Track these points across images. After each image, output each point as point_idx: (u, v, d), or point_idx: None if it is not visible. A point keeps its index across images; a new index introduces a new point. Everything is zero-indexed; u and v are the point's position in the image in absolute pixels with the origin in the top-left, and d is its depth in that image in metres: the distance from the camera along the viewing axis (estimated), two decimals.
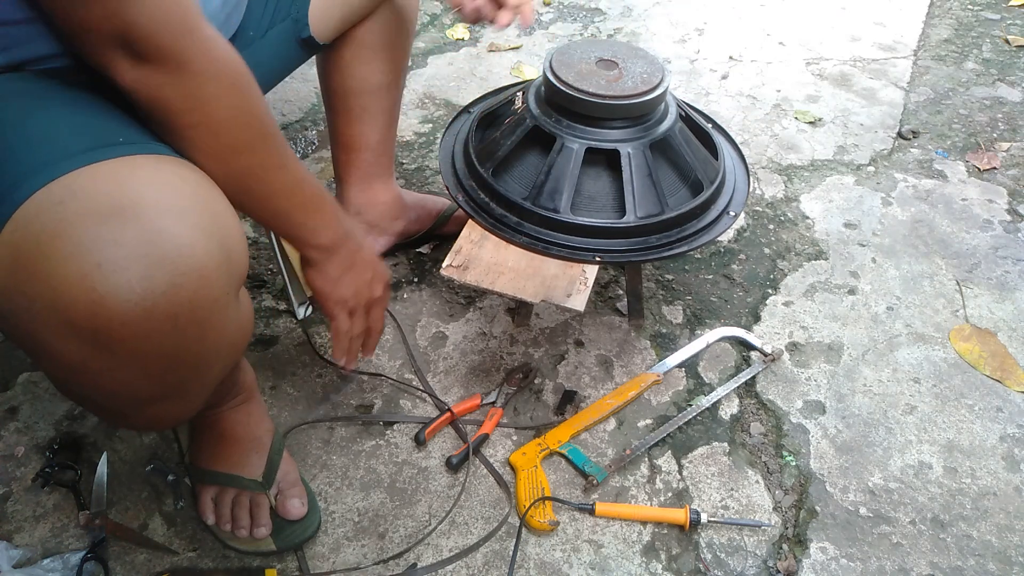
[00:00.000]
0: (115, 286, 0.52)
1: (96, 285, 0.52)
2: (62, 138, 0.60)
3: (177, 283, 0.55)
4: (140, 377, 0.58)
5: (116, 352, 0.55)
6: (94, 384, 0.59)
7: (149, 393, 0.61)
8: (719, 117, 1.65)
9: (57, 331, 0.54)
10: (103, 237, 0.53)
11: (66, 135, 0.61)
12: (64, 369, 0.58)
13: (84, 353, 0.55)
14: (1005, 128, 1.70)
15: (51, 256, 0.53)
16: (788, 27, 2.07)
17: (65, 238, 0.53)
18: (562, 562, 0.93)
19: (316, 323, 1.20)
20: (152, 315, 0.54)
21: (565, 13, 2.14)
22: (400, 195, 1.26)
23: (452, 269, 1.10)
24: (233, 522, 0.91)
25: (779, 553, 0.95)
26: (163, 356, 0.58)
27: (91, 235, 0.53)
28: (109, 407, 0.64)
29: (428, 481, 1.00)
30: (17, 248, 0.54)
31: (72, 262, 0.52)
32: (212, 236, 0.58)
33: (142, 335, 0.55)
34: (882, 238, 1.40)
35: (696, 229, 1.00)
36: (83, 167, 0.57)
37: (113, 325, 0.53)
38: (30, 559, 0.90)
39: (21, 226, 0.55)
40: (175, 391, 0.63)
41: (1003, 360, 1.18)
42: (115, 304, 0.53)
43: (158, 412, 0.65)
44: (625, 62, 1.00)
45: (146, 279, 0.53)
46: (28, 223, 0.55)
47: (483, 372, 1.14)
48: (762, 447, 1.06)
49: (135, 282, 0.53)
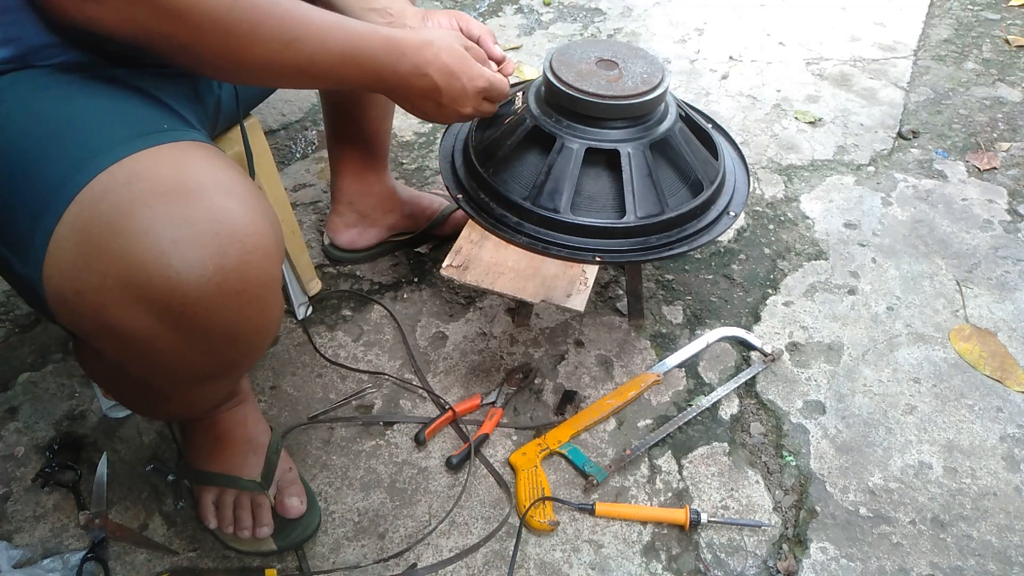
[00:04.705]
0: (190, 263, 0.54)
1: (172, 261, 0.54)
2: (110, 126, 0.62)
3: (246, 260, 0.57)
4: (202, 353, 0.60)
5: (186, 327, 0.57)
6: (156, 362, 0.59)
7: (206, 370, 0.62)
8: (719, 117, 1.65)
9: (129, 308, 0.55)
10: (176, 215, 0.55)
11: (113, 123, 0.62)
12: (129, 347, 0.58)
13: (154, 329, 0.56)
14: (1005, 128, 1.70)
15: (125, 234, 0.54)
16: (788, 27, 2.07)
17: (138, 216, 0.54)
18: (562, 562, 0.93)
19: (316, 323, 1.20)
20: (222, 291, 0.56)
21: (565, 13, 2.14)
22: (394, 189, 1.27)
23: (452, 269, 1.10)
24: (236, 523, 0.91)
25: (779, 553, 0.95)
26: (226, 332, 0.59)
27: (164, 213, 0.55)
28: (161, 388, 0.65)
29: (428, 481, 1.00)
30: (86, 228, 0.55)
31: (147, 239, 0.54)
32: (266, 216, 0.60)
33: (212, 310, 0.56)
34: (882, 238, 1.40)
35: (696, 229, 1.00)
36: (141, 151, 0.59)
37: (187, 301, 0.55)
38: (30, 559, 0.90)
39: (88, 206, 0.56)
40: (227, 369, 0.65)
41: (1003, 360, 1.18)
42: (190, 280, 0.54)
43: (204, 393, 0.67)
44: (625, 62, 1.00)
45: (218, 256, 0.55)
46: (96, 203, 0.56)
47: (483, 372, 1.14)
48: (762, 447, 1.06)
49: (208, 259, 0.55)
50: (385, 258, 1.32)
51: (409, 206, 1.29)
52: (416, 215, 1.30)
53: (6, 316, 1.19)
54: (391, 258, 1.32)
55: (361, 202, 1.24)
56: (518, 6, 2.15)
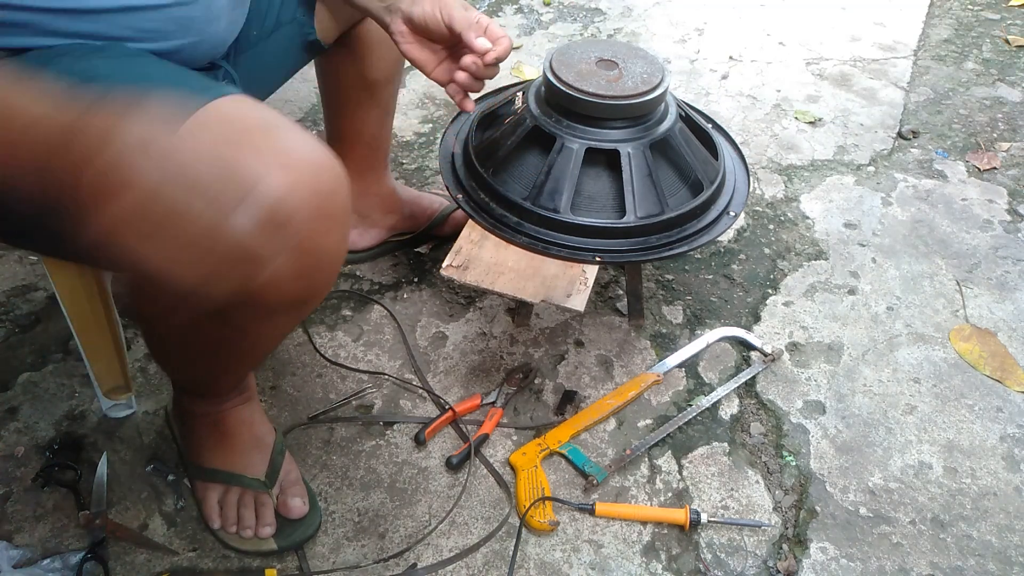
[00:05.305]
0: (299, 183, 0.59)
1: (288, 176, 0.58)
2: (184, 79, 0.67)
3: (335, 188, 0.62)
4: (292, 275, 0.62)
5: (287, 241, 0.60)
6: (251, 275, 0.61)
7: (292, 294, 0.65)
8: (719, 117, 1.65)
9: (241, 219, 0.57)
10: (281, 139, 0.60)
11: (184, 77, 0.68)
12: (230, 259, 0.60)
13: (259, 239, 0.58)
14: (1005, 128, 1.70)
15: (232, 160, 0.58)
16: (788, 27, 2.07)
17: (246, 144, 0.59)
18: (562, 562, 0.93)
19: (316, 323, 1.20)
20: (321, 212, 0.61)
21: (565, 13, 2.14)
22: (394, 190, 1.27)
23: (452, 269, 1.10)
24: (239, 523, 0.91)
25: (779, 553, 0.95)
26: (315, 253, 0.63)
27: (267, 142, 0.60)
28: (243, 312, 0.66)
29: (428, 481, 1.00)
30: (182, 166, 0.58)
31: (266, 156, 0.58)
32: None
33: (311, 226, 0.60)
34: (882, 238, 1.40)
35: (696, 229, 1.00)
36: (218, 98, 0.63)
37: (297, 215, 0.59)
38: (30, 559, 0.90)
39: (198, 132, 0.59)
40: (304, 299, 0.68)
41: (1003, 360, 1.18)
42: (300, 195, 0.59)
43: (277, 325, 0.71)
44: (625, 62, 1.00)
45: (316, 178, 0.60)
46: (190, 143, 0.59)
47: (483, 372, 1.14)
48: (762, 447, 1.06)
49: (309, 181, 0.60)
50: (385, 258, 1.32)
51: (409, 207, 1.29)
52: (416, 215, 1.31)
53: (6, 316, 1.19)
54: (391, 258, 1.32)
55: (361, 203, 1.24)
56: (518, 6, 2.15)
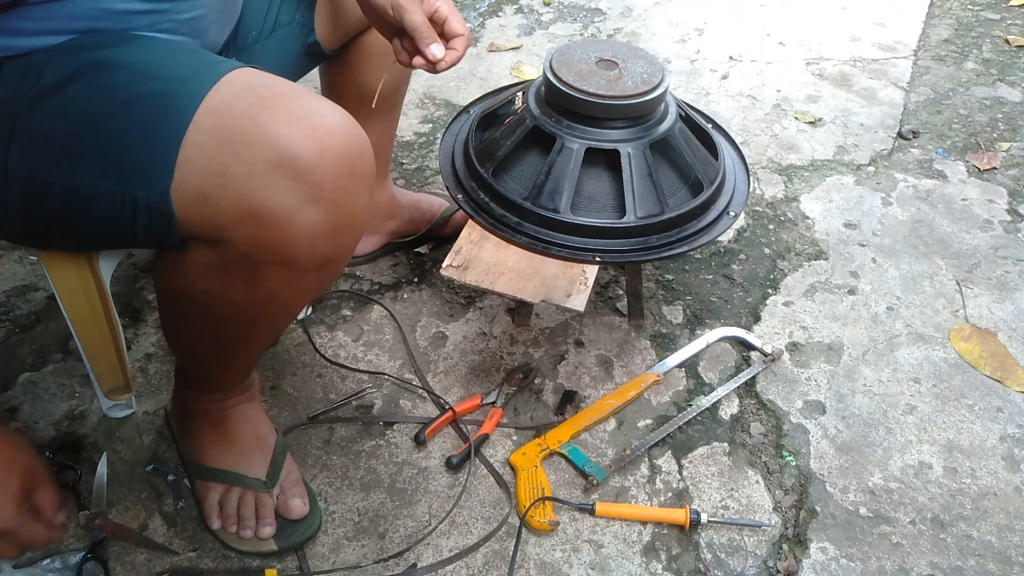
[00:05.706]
0: (330, 145, 0.62)
1: (320, 139, 0.61)
2: (198, 57, 0.69)
3: (362, 150, 0.65)
4: (325, 233, 0.65)
5: (322, 202, 0.63)
6: (288, 242, 0.64)
7: (323, 253, 0.67)
8: (719, 117, 1.65)
9: (275, 187, 0.61)
10: (306, 106, 0.62)
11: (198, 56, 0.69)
12: (266, 228, 0.63)
13: (295, 203, 0.62)
14: (1005, 128, 1.70)
15: (270, 123, 0.61)
16: (788, 27, 2.07)
17: (278, 108, 0.62)
18: (562, 562, 0.93)
19: (316, 323, 1.20)
20: (351, 172, 0.64)
21: (565, 13, 2.14)
22: (395, 196, 1.26)
23: (452, 269, 1.10)
24: (239, 522, 0.91)
25: (779, 553, 0.95)
26: (347, 211, 0.65)
27: (298, 105, 0.62)
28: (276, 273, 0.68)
29: (428, 481, 1.00)
30: (225, 127, 0.61)
31: (294, 124, 0.61)
32: None
33: (343, 186, 0.63)
34: (882, 238, 1.40)
35: (696, 229, 1.00)
36: (236, 70, 0.65)
37: (329, 176, 0.62)
38: (30, 559, 0.90)
39: (221, 111, 0.62)
40: (333, 258, 0.70)
41: (1003, 360, 1.18)
42: (330, 158, 0.62)
43: (304, 287, 0.72)
44: (625, 62, 1.00)
45: (346, 142, 0.63)
46: (229, 106, 0.62)
47: (483, 372, 1.14)
48: (762, 447, 1.06)
49: (340, 143, 0.62)
50: (385, 258, 1.32)
51: (409, 211, 1.29)
52: (416, 219, 1.30)
53: (6, 316, 1.19)
54: (391, 258, 1.32)
55: None
56: (518, 6, 2.15)
